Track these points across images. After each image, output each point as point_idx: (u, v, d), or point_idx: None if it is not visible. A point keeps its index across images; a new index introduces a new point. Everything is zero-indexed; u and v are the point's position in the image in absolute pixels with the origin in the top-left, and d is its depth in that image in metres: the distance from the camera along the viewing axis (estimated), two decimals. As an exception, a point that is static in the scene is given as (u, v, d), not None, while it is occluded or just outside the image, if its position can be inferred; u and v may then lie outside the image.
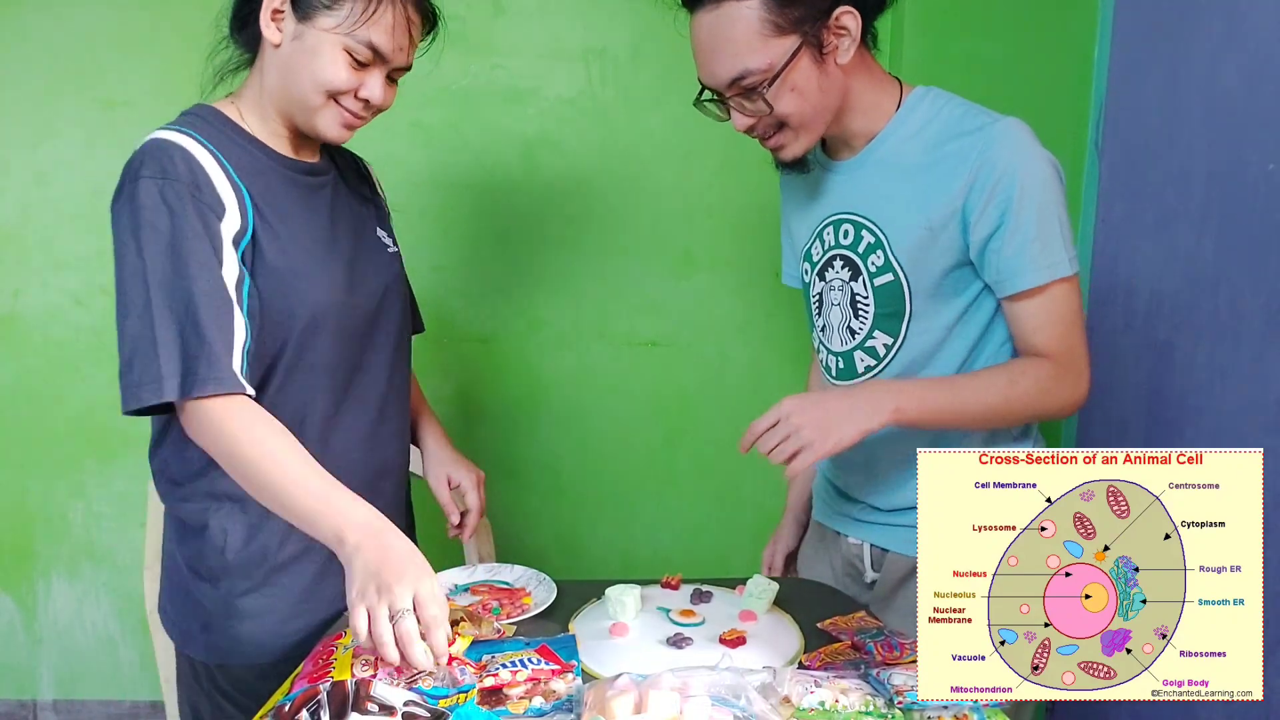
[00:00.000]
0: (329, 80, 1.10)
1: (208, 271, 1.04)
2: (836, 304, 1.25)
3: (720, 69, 1.11)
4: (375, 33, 1.09)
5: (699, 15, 1.11)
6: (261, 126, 1.17)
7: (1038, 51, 1.85)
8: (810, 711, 0.89)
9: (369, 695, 0.82)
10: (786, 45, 1.09)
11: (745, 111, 1.14)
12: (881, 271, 1.18)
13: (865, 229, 1.20)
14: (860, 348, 1.23)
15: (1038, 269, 1.10)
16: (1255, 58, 1.40)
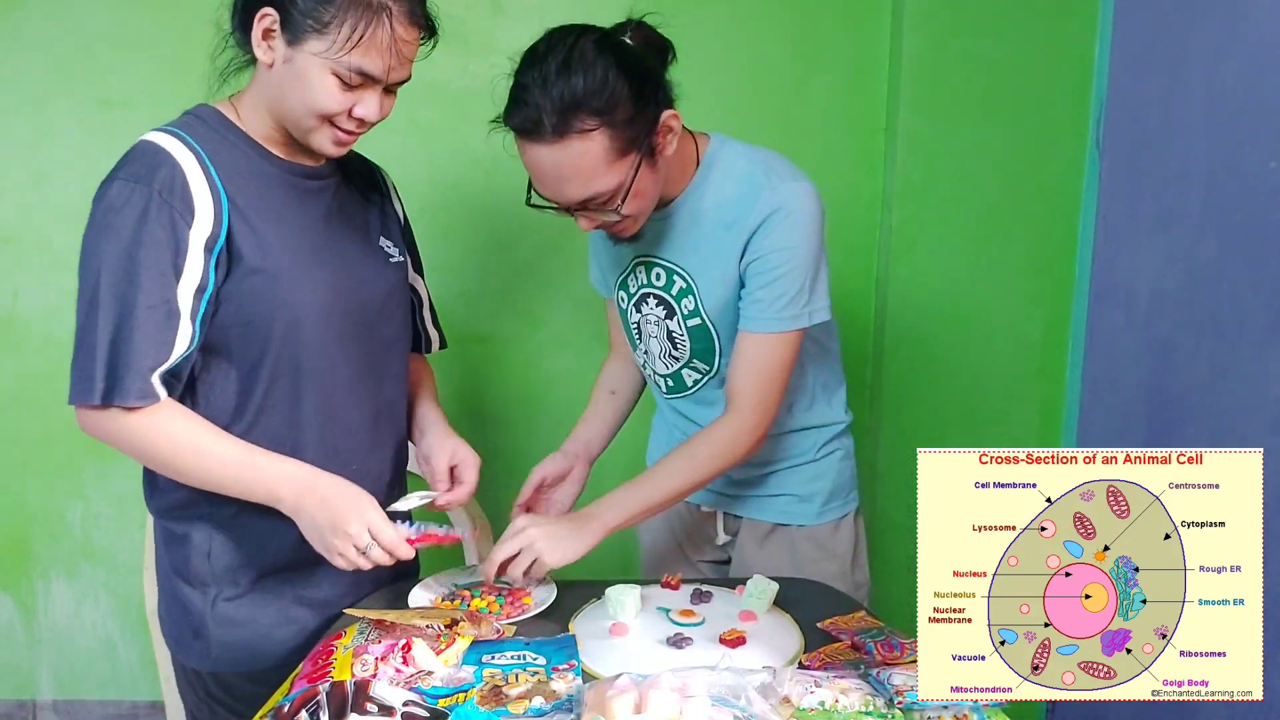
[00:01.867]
0: (320, 107, 1.09)
1: (158, 281, 1.04)
2: (654, 336, 1.37)
3: (568, 193, 1.17)
4: (363, 58, 1.07)
5: (538, 148, 1.13)
6: (259, 129, 1.16)
7: (1038, 51, 1.85)
8: (810, 711, 0.89)
9: (368, 695, 0.82)
10: (629, 163, 1.16)
11: (592, 219, 1.22)
12: (693, 315, 1.31)
13: (676, 274, 1.31)
14: (685, 368, 1.37)
15: (768, 320, 1.24)
16: (1255, 57, 1.40)
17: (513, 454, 2.08)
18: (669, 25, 1.28)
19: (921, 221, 1.91)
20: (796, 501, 1.41)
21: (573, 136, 1.11)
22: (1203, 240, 1.51)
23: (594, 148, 1.12)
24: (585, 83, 1.10)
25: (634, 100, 1.13)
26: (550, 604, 1.17)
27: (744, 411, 1.26)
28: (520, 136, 1.15)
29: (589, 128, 1.11)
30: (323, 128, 1.12)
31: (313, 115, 1.10)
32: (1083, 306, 1.89)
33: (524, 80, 1.13)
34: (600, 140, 1.12)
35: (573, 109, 1.10)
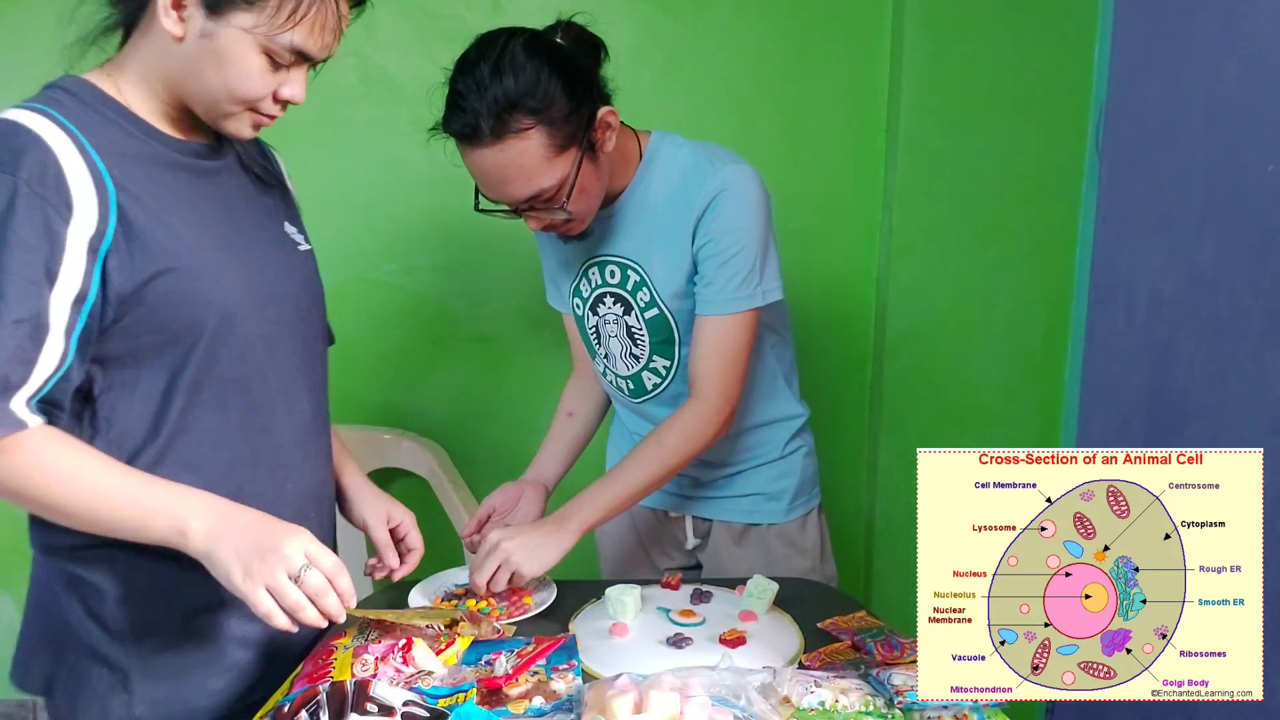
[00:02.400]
0: (245, 91, 0.95)
1: (27, 290, 0.86)
2: (614, 335, 1.38)
3: (513, 193, 1.18)
4: (301, 35, 0.94)
5: (479, 151, 1.14)
6: (144, 104, 0.99)
7: (1038, 51, 1.85)
8: (810, 711, 0.89)
9: (368, 695, 0.82)
10: (570, 159, 1.17)
11: (540, 219, 1.23)
12: (649, 306, 1.32)
13: (630, 269, 1.32)
14: (645, 369, 1.38)
15: (727, 301, 1.26)
16: (1255, 58, 1.40)
17: (513, 454, 2.08)
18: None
19: (921, 222, 1.92)
20: (765, 500, 1.43)
21: (510, 138, 1.13)
22: (1202, 241, 1.51)
23: (532, 146, 1.14)
24: (518, 83, 1.12)
25: (568, 98, 1.15)
26: (550, 604, 1.17)
27: (708, 396, 1.27)
28: (460, 142, 1.16)
29: (525, 127, 1.12)
30: (242, 113, 0.98)
31: (233, 99, 0.96)
32: (1083, 307, 1.89)
33: (459, 87, 1.14)
34: (537, 139, 1.14)
35: (508, 110, 1.11)
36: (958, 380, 1.98)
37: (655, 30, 1.88)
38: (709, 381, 1.28)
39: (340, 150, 1.93)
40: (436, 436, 2.03)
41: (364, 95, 1.91)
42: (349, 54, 1.92)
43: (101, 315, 0.92)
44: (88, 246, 0.89)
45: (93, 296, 0.90)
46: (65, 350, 0.90)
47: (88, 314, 0.90)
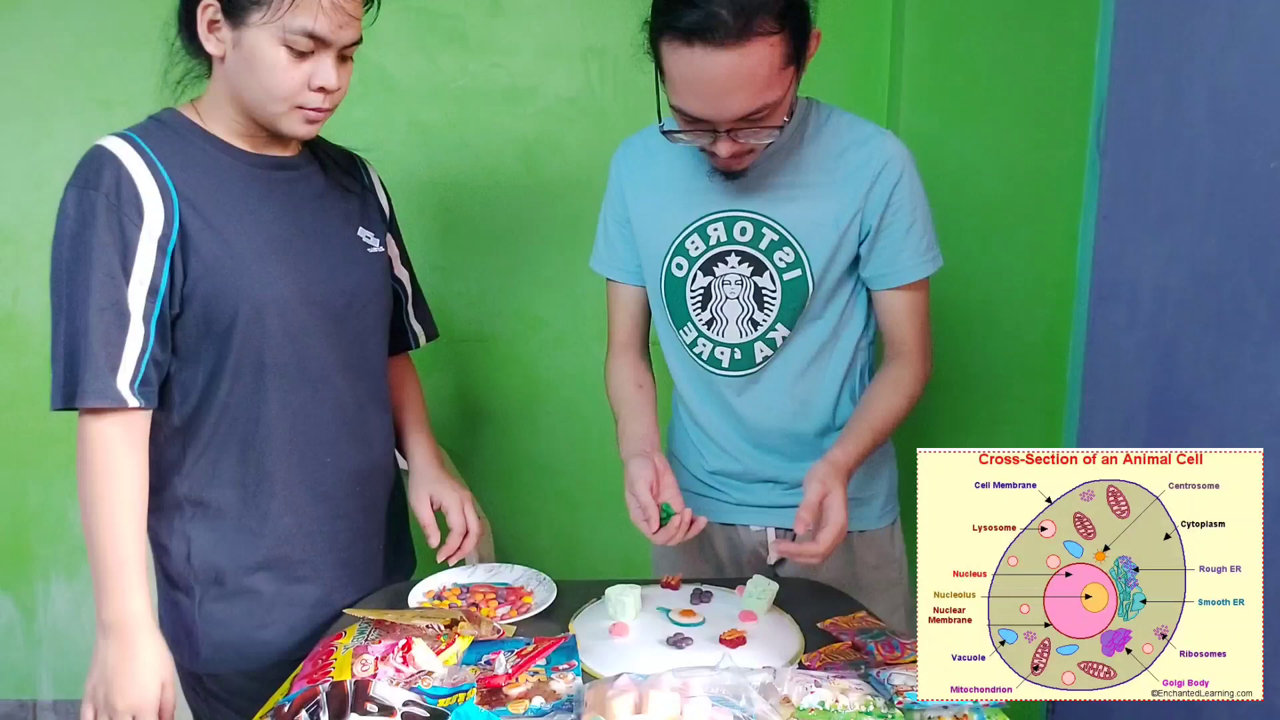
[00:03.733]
0: (278, 87, 1.08)
1: (108, 285, 1.05)
2: (734, 297, 1.28)
3: (737, 105, 1.09)
4: (306, 18, 1.05)
5: (715, 53, 1.04)
6: (223, 127, 1.15)
7: (1039, 49, 1.84)
8: (810, 711, 0.89)
9: (368, 695, 0.82)
10: (791, 75, 1.12)
11: (740, 142, 1.14)
12: (792, 267, 1.26)
13: (767, 227, 1.25)
14: (761, 339, 1.30)
15: (920, 266, 1.27)
16: (1257, 55, 1.39)
17: (513, 454, 2.08)
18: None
19: (922, 221, 1.91)
20: (857, 506, 1.31)
21: (756, 39, 1.04)
22: (1205, 239, 1.51)
23: (774, 54, 1.06)
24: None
25: (800, 7, 1.10)
26: (550, 604, 1.17)
27: (917, 359, 1.29)
28: (690, 40, 1.05)
29: (772, 30, 1.05)
30: (290, 111, 1.10)
31: (275, 99, 1.09)
32: (1084, 306, 1.89)
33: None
34: (779, 46, 1.07)
35: (758, 9, 1.03)
36: (958, 380, 1.97)
37: (655, 29, 1.88)
38: (915, 345, 1.29)
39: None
40: (436, 436, 2.03)
41: (363, 95, 1.91)
42: (349, 54, 1.92)
43: (170, 305, 1.09)
44: (157, 246, 1.07)
45: (164, 288, 1.08)
46: (146, 334, 1.07)
47: (161, 302, 1.08)
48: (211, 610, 1.17)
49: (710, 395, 1.37)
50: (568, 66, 1.95)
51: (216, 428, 1.14)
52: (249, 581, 1.18)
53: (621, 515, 1.61)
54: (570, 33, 1.93)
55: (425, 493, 1.33)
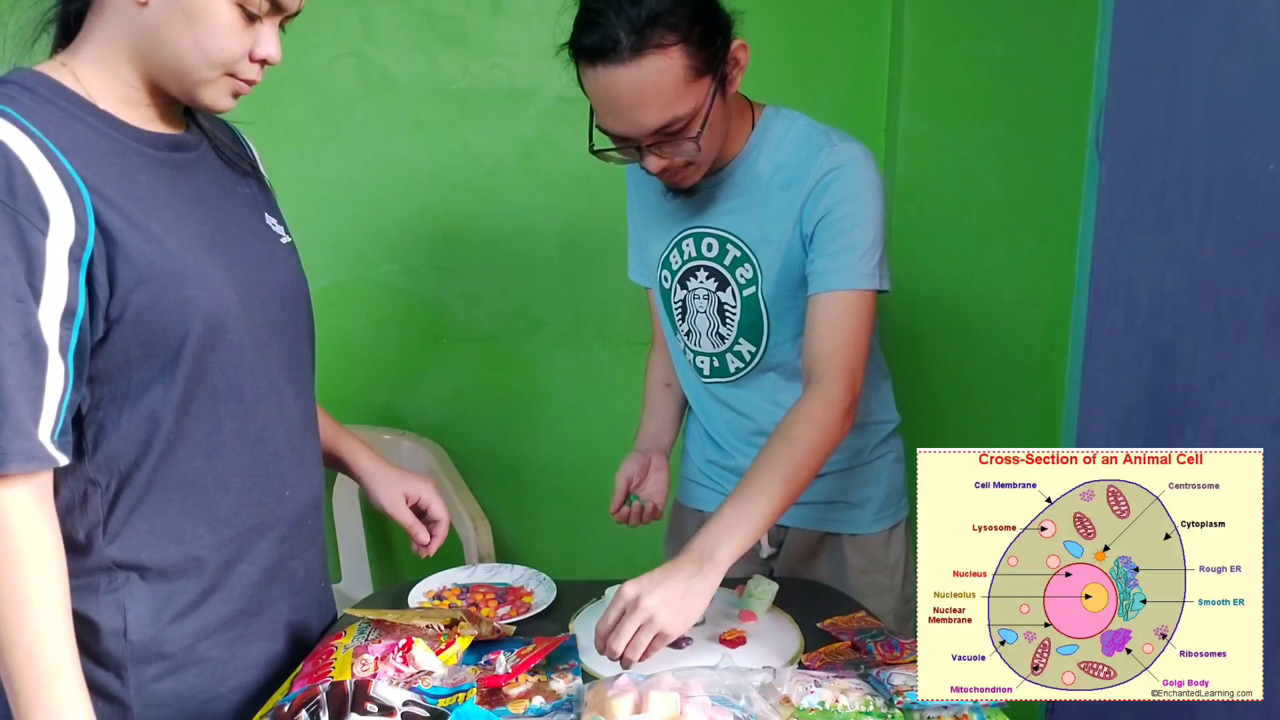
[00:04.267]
0: (221, 51, 0.88)
1: (16, 311, 0.81)
2: (702, 311, 1.31)
3: (646, 119, 1.10)
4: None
5: (615, 70, 1.07)
6: (108, 93, 0.91)
7: (1038, 51, 1.85)
8: (810, 711, 0.89)
9: (368, 695, 0.82)
10: (705, 86, 1.11)
11: (665, 155, 1.15)
12: (749, 284, 1.26)
13: (730, 243, 1.26)
14: (729, 351, 1.31)
15: (840, 276, 1.17)
16: (1255, 58, 1.40)
17: (513, 454, 2.08)
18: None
19: (921, 222, 1.91)
20: (846, 509, 1.35)
21: (650, 53, 1.06)
22: (1203, 240, 1.51)
23: (673, 65, 1.07)
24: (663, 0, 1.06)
25: (707, 19, 1.10)
26: (550, 604, 1.17)
27: (831, 378, 1.14)
28: (593, 60, 1.09)
29: (667, 43, 1.06)
30: (220, 79, 0.91)
31: (211, 63, 0.89)
32: (1083, 306, 1.89)
33: (594, 4, 1.08)
34: (679, 58, 1.07)
35: (650, 25, 1.05)
36: (958, 380, 1.97)
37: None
38: (829, 363, 1.15)
39: (339, 150, 1.93)
40: (436, 436, 2.03)
41: (363, 95, 1.92)
42: (348, 54, 1.92)
43: (91, 330, 0.86)
44: (69, 257, 0.83)
45: (81, 310, 0.84)
46: (65, 371, 0.84)
47: (79, 329, 0.85)
48: (153, 691, 0.95)
49: (703, 395, 1.39)
50: (568, 67, 1.94)
51: (156, 473, 0.92)
52: (198, 651, 0.97)
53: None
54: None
55: (398, 492, 1.21)
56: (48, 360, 0.82)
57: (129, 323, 0.87)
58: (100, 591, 0.92)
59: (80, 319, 0.84)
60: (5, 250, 0.80)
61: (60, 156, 0.83)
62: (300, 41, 1.92)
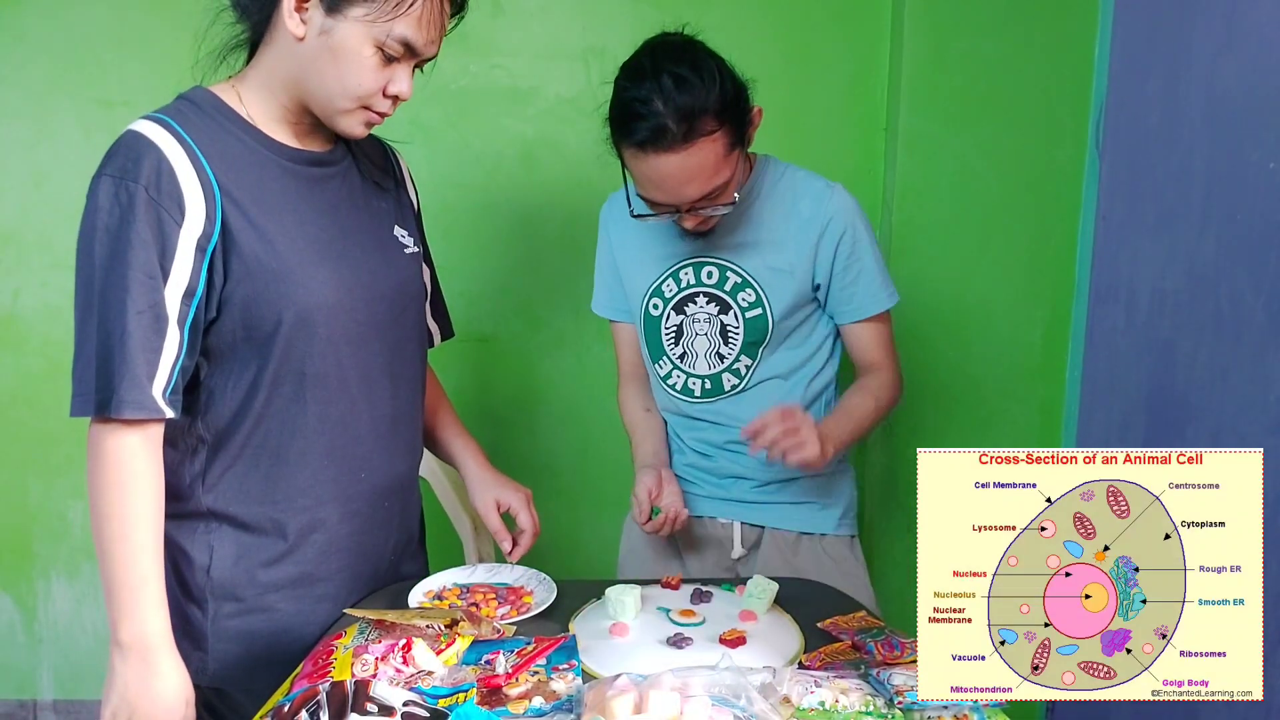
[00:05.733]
0: (358, 86, 1.04)
1: (146, 286, 0.98)
2: (702, 333, 1.42)
3: (691, 193, 1.24)
4: (408, 26, 1.02)
5: (665, 157, 1.19)
6: (264, 112, 1.09)
7: (1038, 51, 1.85)
8: (810, 711, 0.89)
9: (368, 695, 0.82)
10: (737, 155, 1.27)
11: (699, 216, 1.29)
12: (753, 306, 1.39)
13: (730, 271, 1.39)
14: (728, 370, 1.42)
15: (876, 302, 1.40)
16: (1255, 57, 1.40)
17: (513, 454, 2.08)
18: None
19: (921, 222, 1.92)
20: (820, 509, 1.46)
21: (701, 140, 1.19)
22: (1203, 240, 1.51)
23: (717, 146, 1.21)
24: (705, 88, 1.19)
25: (737, 98, 1.24)
26: (550, 604, 1.17)
27: (890, 369, 1.42)
28: (644, 149, 1.20)
29: (712, 129, 1.20)
30: (356, 110, 1.07)
31: (349, 96, 1.05)
32: (1083, 306, 1.89)
33: (641, 95, 1.19)
34: (721, 139, 1.22)
35: (697, 115, 1.18)
36: (958, 380, 1.97)
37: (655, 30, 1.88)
38: (887, 365, 1.41)
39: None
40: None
41: (364, 95, 1.92)
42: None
43: (205, 309, 1.04)
44: (195, 246, 1.01)
45: (200, 291, 1.02)
46: (180, 340, 1.02)
47: (196, 307, 1.02)
48: (226, 626, 1.12)
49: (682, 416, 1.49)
50: (568, 67, 1.95)
51: (248, 440, 1.10)
52: (268, 600, 1.14)
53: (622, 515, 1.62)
54: (571, 34, 1.94)
55: (491, 498, 1.33)
56: (167, 330, 1.00)
57: (235, 307, 1.05)
58: (196, 531, 1.11)
59: (198, 299, 1.02)
60: (145, 235, 0.98)
61: (204, 162, 1.02)
62: (300, 41, 1.93)
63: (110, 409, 0.98)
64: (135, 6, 1.90)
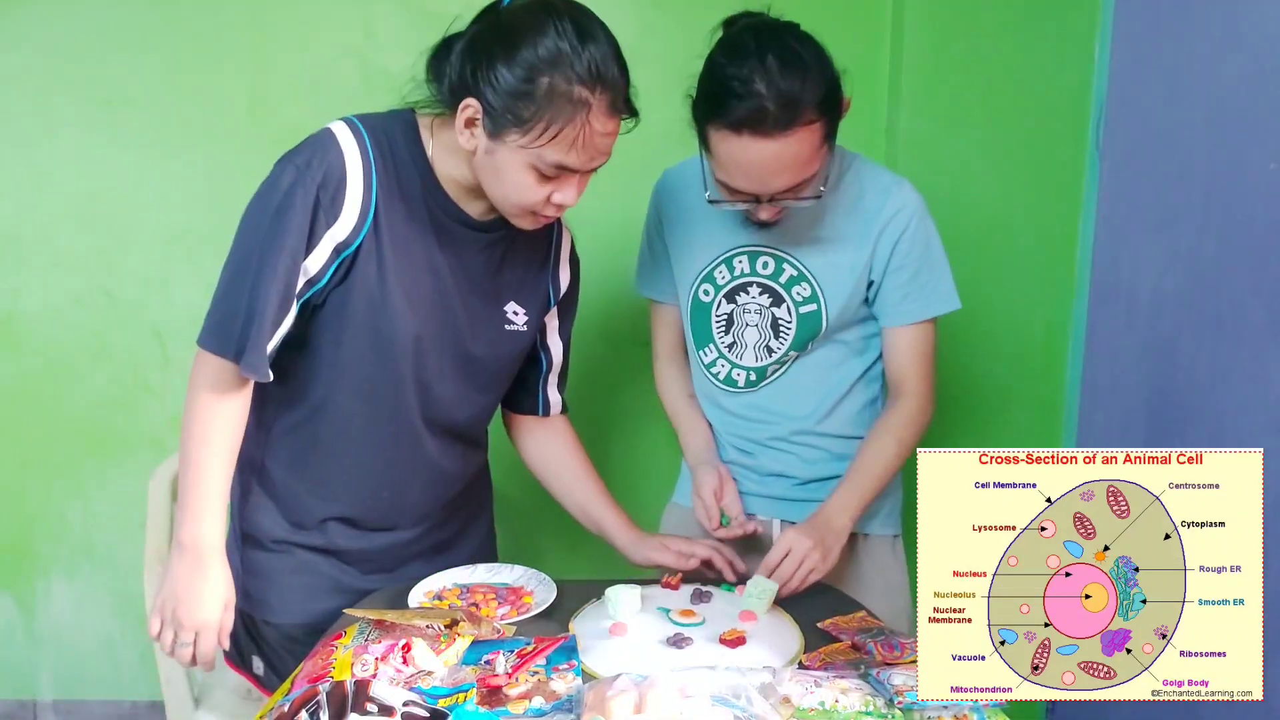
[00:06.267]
0: (521, 200, 1.11)
1: (289, 267, 1.10)
2: (753, 324, 1.37)
3: (779, 183, 1.18)
4: (562, 154, 1.07)
5: (760, 142, 1.13)
6: (444, 167, 1.17)
7: (1038, 52, 1.85)
8: (810, 711, 0.89)
9: (368, 695, 0.82)
10: (827, 148, 1.21)
11: (781, 206, 1.24)
12: (807, 301, 1.34)
13: (786, 262, 1.34)
14: (774, 363, 1.38)
15: (923, 308, 1.34)
16: (1256, 56, 1.40)
17: (511, 454, 2.07)
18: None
19: (922, 221, 1.91)
20: None
21: (798, 129, 1.13)
22: (1203, 240, 1.51)
23: (813, 138, 1.15)
24: (810, 76, 1.13)
25: (835, 88, 1.18)
26: (550, 604, 1.17)
27: (919, 393, 1.36)
28: (738, 130, 1.14)
29: (812, 119, 1.14)
30: (523, 215, 1.15)
31: (513, 205, 1.13)
32: (1083, 306, 1.89)
33: (741, 74, 1.12)
34: (818, 130, 1.16)
35: (799, 103, 1.12)
36: (958, 380, 1.97)
37: (655, 30, 1.88)
38: (917, 383, 1.36)
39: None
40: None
41: (364, 95, 1.91)
42: (349, 55, 1.92)
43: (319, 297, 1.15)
44: (335, 248, 1.13)
45: (321, 283, 1.14)
46: (294, 315, 1.14)
47: (314, 293, 1.14)
48: (251, 558, 1.27)
49: (721, 409, 1.45)
50: (568, 67, 1.94)
51: (303, 422, 1.22)
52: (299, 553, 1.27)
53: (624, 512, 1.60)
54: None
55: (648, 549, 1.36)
56: (292, 306, 1.13)
57: (326, 312, 1.17)
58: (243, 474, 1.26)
59: (317, 288, 1.14)
60: (304, 223, 1.10)
61: (374, 183, 1.13)
62: (300, 41, 1.93)
63: (238, 358, 1.11)
64: (135, 6, 1.90)
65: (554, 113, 1.04)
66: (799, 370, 1.38)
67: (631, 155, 1.97)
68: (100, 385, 2.02)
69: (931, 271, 1.33)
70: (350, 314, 1.16)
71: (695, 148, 1.29)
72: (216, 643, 1.16)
